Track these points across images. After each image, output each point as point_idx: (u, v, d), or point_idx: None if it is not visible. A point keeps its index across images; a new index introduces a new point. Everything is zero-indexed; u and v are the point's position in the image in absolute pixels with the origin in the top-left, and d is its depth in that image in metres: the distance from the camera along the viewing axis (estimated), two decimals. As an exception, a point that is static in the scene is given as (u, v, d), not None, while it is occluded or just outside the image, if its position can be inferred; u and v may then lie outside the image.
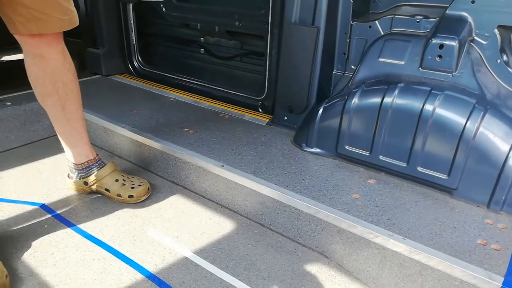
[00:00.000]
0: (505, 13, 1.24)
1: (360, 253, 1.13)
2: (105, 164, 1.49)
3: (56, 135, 1.47)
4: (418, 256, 1.02)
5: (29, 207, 1.42)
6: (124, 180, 1.48)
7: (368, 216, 1.15)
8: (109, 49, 2.38)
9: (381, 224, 1.12)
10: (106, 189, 1.46)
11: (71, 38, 2.45)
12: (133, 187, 1.47)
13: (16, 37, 1.25)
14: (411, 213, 1.18)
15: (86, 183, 1.47)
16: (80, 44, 2.46)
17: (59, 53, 1.31)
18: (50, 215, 1.38)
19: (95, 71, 2.44)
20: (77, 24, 1.31)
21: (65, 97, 1.36)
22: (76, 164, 1.46)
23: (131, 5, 2.31)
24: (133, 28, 2.36)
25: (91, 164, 1.46)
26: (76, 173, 1.47)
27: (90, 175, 1.46)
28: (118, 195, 1.45)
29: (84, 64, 2.47)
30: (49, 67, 1.30)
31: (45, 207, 1.42)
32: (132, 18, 2.34)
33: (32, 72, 1.31)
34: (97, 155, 1.50)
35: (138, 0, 2.27)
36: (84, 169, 1.46)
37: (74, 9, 1.29)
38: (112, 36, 2.38)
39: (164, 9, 2.19)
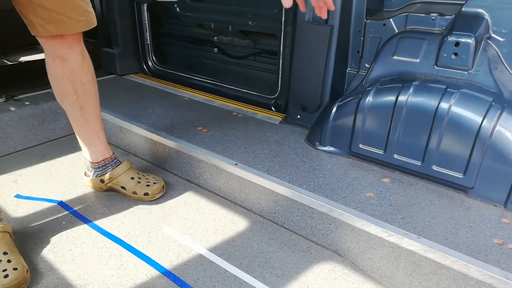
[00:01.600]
0: (523, 9, 1.23)
1: (374, 252, 1.13)
2: (121, 162, 1.52)
3: (73, 133, 1.50)
4: (433, 255, 1.01)
5: (48, 204, 1.45)
6: (140, 178, 1.51)
7: (382, 215, 1.15)
8: (123, 49, 2.42)
9: (396, 223, 1.12)
10: (122, 187, 1.49)
11: (86, 38, 2.51)
12: (148, 185, 1.49)
13: (38, 38, 1.28)
14: (426, 212, 1.17)
15: (102, 181, 1.50)
16: (95, 44, 2.50)
17: (79, 54, 1.34)
18: (67, 212, 1.41)
19: (110, 70, 2.48)
20: (95, 24, 1.34)
21: (84, 97, 1.39)
22: (92, 163, 1.49)
23: (145, 5, 2.34)
24: (147, 28, 2.39)
25: (107, 162, 1.49)
26: (93, 171, 1.50)
27: (106, 173, 1.49)
28: (134, 192, 1.48)
29: (99, 64, 2.51)
30: (68, 68, 1.33)
31: (63, 204, 1.45)
32: (146, 18, 2.37)
33: (53, 72, 1.35)
34: (113, 153, 1.52)
35: (153, 1, 2.30)
36: (100, 168, 1.49)
37: (92, 10, 1.32)
38: (126, 36, 2.41)
39: (178, 9, 2.21)
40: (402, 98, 1.31)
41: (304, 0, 1.07)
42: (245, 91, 2.05)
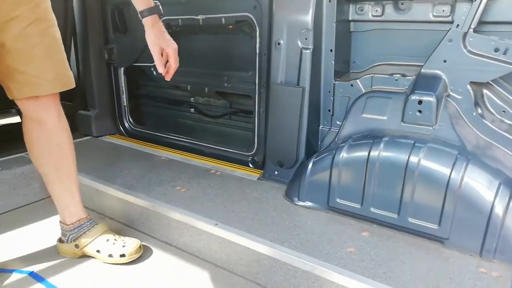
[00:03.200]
0: (475, 70, 1.35)
1: (360, 309, 1.12)
2: (97, 224, 1.48)
3: (45, 198, 1.47)
4: (418, 310, 1.02)
5: (18, 276, 1.37)
6: (115, 240, 1.47)
7: (364, 271, 1.15)
8: (100, 111, 2.44)
9: (378, 278, 1.12)
10: (97, 250, 1.44)
11: (62, 101, 2.52)
12: (124, 246, 1.45)
13: (15, 101, 1.30)
14: (406, 265, 1.19)
15: (77, 246, 1.44)
16: (71, 106, 2.51)
17: (55, 116, 1.35)
18: (39, 283, 1.33)
19: (86, 132, 2.48)
20: (73, 86, 1.37)
21: (60, 159, 1.39)
22: (67, 225, 1.45)
23: (122, 69, 2.41)
24: (124, 90, 2.44)
25: (82, 223, 1.46)
26: (68, 235, 1.45)
27: (81, 235, 1.44)
28: (110, 255, 1.43)
29: (75, 126, 2.51)
30: (45, 130, 1.34)
31: (34, 275, 1.37)
32: (123, 81, 2.43)
33: (29, 134, 1.35)
34: (88, 215, 1.49)
35: (130, 64, 2.37)
36: (75, 229, 1.45)
37: (69, 72, 1.36)
38: (103, 98, 2.45)
39: (154, 72, 2.28)
40: (374, 153, 1.38)
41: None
42: (223, 148, 2.08)
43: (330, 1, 1.62)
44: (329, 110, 1.73)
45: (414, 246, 1.29)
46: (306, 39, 1.63)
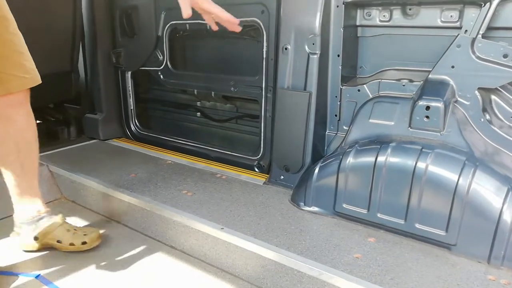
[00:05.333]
0: (483, 76, 1.35)
1: (366, 316, 1.11)
2: (55, 216, 1.52)
3: (51, 201, 1.46)
4: (425, 317, 1.01)
5: (25, 279, 1.38)
6: (75, 230, 1.52)
7: (371, 277, 1.15)
8: (107, 115, 2.46)
9: (385, 285, 1.12)
10: (58, 241, 1.48)
11: (70, 104, 2.55)
12: (85, 234, 1.51)
13: None
14: (413, 271, 1.18)
15: (36, 238, 1.47)
16: (78, 110, 2.54)
17: (24, 114, 1.38)
18: (46, 286, 1.34)
19: (92, 136, 2.49)
20: (39, 82, 1.37)
21: (26, 156, 1.42)
22: (27, 218, 1.47)
23: (129, 73, 2.43)
24: (131, 94, 2.45)
25: (41, 216, 1.48)
26: (26, 228, 1.47)
27: (41, 228, 1.47)
28: (71, 244, 1.48)
29: (82, 129, 2.53)
30: (13, 127, 1.36)
31: (40, 278, 1.38)
32: (130, 85, 2.44)
33: None
34: (48, 208, 1.53)
35: (137, 68, 2.39)
36: (35, 222, 1.47)
37: (34, 67, 1.36)
38: (110, 102, 2.47)
39: (162, 76, 2.30)
40: (381, 158, 1.37)
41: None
42: (228, 152, 2.08)
43: (337, 6, 1.62)
44: (335, 115, 1.73)
45: (421, 252, 1.28)
46: (313, 44, 1.63)
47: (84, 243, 1.48)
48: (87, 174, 1.91)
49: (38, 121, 2.64)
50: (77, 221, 1.76)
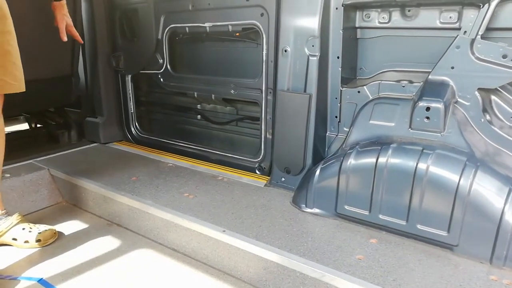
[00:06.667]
0: (483, 77, 1.35)
1: (369, 317, 1.11)
2: (10, 216, 1.58)
3: (53, 204, 1.57)
4: (428, 318, 1.01)
5: (27, 283, 1.38)
6: (31, 228, 1.58)
7: (374, 278, 1.15)
8: (107, 118, 2.46)
9: (388, 286, 1.12)
10: (13, 238, 1.55)
11: (71, 108, 2.55)
12: (39, 232, 1.58)
13: None
14: (415, 272, 1.18)
15: None
16: (79, 113, 2.54)
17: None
18: (48, 290, 1.34)
19: (93, 139, 2.50)
20: (23, 90, 1.46)
21: None
22: None
23: (129, 76, 2.43)
24: (131, 97, 2.46)
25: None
26: None
27: None
28: (26, 241, 1.55)
29: (82, 133, 2.53)
30: None
31: (43, 282, 1.38)
32: (130, 88, 2.45)
33: None
34: (5, 209, 1.60)
35: (137, 72, 2.39)
36: None
37: (22, 77, 1.46)
38: (110, 105, 2.47)
39: (162, 80, 2.30)
40: (382, 160, 1.38)
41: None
42: (229, 155, 2.09)
43: (337, 9, 1.63)
44: (336, 117, 1.74)
45: (423, 253, 1.28)
46: (313, 46, 1.64)
47: (38, 240, 1.56)
48: (88, 178, 1.91)
49: (39, 125, 2.69)
50: (78, 225, 1.77)
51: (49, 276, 1.41)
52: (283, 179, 1.80)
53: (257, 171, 1.97)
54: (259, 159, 1.97)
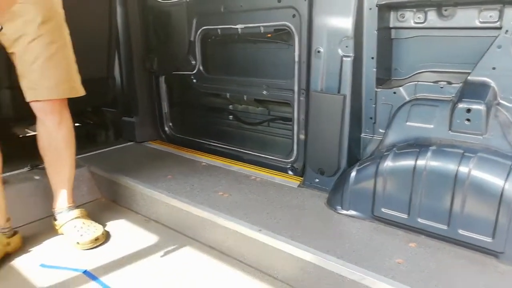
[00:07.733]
0: (527, 78, 1.31)
1: (410, 321, 1.10)
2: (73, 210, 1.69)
3: (94, 200, 1.77)
4: (473, 324, 0.99)
5: (73, 273, 1.44)
6: (81, 227, 1.65)
7: (415, 282, 1.14)
8: (142, 118, 2.53)
9: (430, 290, 1.11)
10: (69, 232, 1.65)
11: (108, 108, 2.64)
12: (82, 235, 1.62)
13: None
14: (459, 279, 1.16)
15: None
16: (115, 113, 2.62)
17: (55, 120, 1.56)
18: (93, 281, 1.40)
19: (129, 138, 2.57)
20: (75, 95, 1.58)
21: (55, 160, 1.64)
22: (53, 209, 1.70)
23: (163, 77, 2.49)
24: (165, 98, 2.52)
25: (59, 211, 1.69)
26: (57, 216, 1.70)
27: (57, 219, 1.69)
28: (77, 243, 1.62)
29: (119, 132, 2.61)
30: (44, 130, 1.58)
31: (88, 273, 1.44)
32: (164, 89, 2.51)
33: (37, 129, 1.62)
34: (73, 202, 1.72)
35: (170, 73, 2.45)
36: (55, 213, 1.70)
37: (73, 83, 1.57)
38: (145, 106, 2.54)
39: (194, 81, 2.34)
40: (420, 162, 1.36)
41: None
42: (262, 155, 2.10)
43: (370, 9, 1.61)
44: (371, 118, 1.72)
45: (465, 259, 1.25)
46: (346, 47, 1.63)
47: (77, 243, 1.60)
48: (125, 175, 1.98)
49: (77, 124, 2.79)
50: (117, 220, 1.84)
51: (92, 268, 1.48)
52: (316, 180, 1.80)
53: (289, 172, 1.98)
54: (291, 159, 1.97)
